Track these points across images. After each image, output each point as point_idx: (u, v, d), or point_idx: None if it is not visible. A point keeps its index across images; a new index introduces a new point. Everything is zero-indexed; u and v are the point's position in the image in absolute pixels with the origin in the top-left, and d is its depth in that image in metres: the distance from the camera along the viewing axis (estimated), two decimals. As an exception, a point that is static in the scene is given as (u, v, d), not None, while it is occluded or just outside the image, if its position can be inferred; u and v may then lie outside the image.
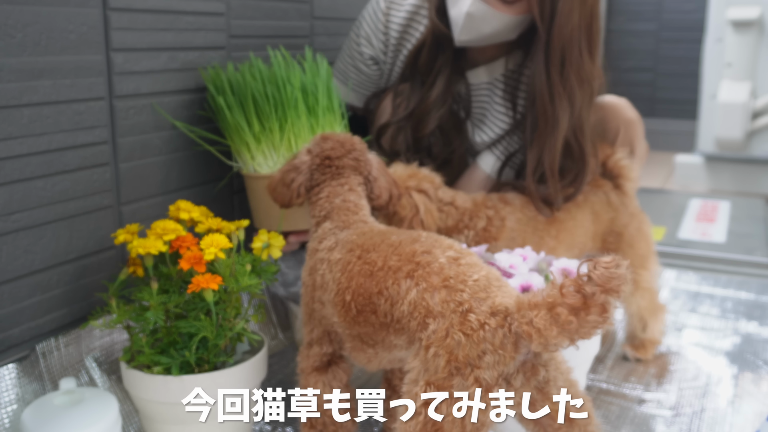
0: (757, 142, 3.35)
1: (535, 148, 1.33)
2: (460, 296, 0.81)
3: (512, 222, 1.31)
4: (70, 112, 1.10)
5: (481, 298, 0.80)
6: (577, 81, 1.30)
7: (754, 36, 3.27)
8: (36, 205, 1.07)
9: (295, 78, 1.26)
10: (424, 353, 0.81)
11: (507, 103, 1.44)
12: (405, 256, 0.88)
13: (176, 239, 1.04)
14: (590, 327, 0.73)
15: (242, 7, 1.41)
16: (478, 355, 0.77)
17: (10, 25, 0.99)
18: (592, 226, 1.38)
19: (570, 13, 1.25)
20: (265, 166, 1.25)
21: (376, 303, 0.89)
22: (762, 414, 1.24)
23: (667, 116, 4.52)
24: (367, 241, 0.95)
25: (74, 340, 1.13)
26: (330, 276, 0.96)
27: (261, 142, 1.24)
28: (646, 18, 4.56)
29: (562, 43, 1.26)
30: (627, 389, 1.33)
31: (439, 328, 0.80)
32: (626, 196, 1.41)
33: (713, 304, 1.76)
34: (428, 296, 0.83)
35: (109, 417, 0.95)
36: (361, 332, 0.93)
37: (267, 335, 1.46)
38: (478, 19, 1.30)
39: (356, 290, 0.91)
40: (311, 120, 1.25)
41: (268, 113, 1.24)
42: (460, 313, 0.80)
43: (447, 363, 0.78)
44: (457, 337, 0.78)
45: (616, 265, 0.71)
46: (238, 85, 1.26)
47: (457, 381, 0.77)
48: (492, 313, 0.79)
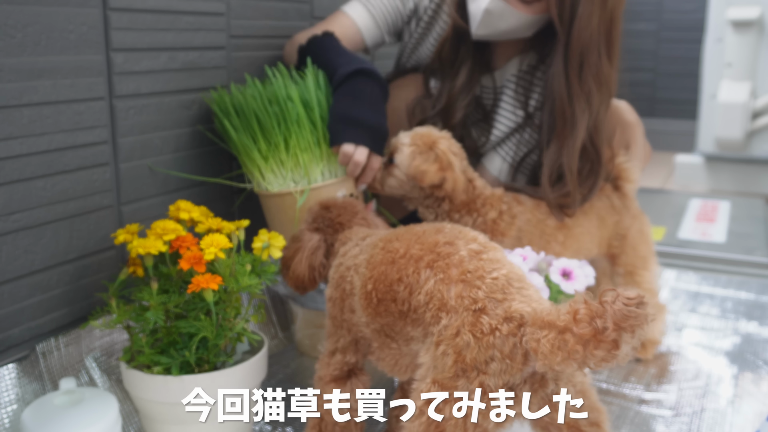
0: (757, 142, 3.35)
1: (552, 149, 1.33)
2: (476, 293, 0.79)
3: (522, 222, 1.32)
4: (70, 112, 1.10)
5: (497, 300, 0.78)
6: (596, 83, 1.30)
7: (754, 36, 3.27)
8: (36, 205, 1.07)
9: (295, 93, 1.25)
10: (434, 349, 0.80)
11: (516, 103, 1.45)
12: (427, 246, 0.87)
13: (176, 239, 1.04)
14: (598, 360, 0.70)
15: (242, 7, 1.41)
16: (485, 361, 0.75)
17: (10, 25, 0.99)
18: (598, 232, 1.38)
19: (590, 16, 1.25)
20: (275, 183, 1.26)
21: (396, 290, 0.88)
22: (762, 414, 1.24)
23: (667, 116, 4.52)
24: (391, 234, 0.95)
25: (74, 340, 1.13)
26: (357, 277, 0.96)
27: (269, 160, 1.25)
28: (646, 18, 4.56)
29: (581, 46, 1.27)
30: (627, 389, 1.33)
31: (450, 324, 0.79)
32: (627, 198, 1.41)
33: (713, 304, 1.76)
34: (444, 288, 0.82)
35: (109, 417, 0.95)
36: (382, 324, 0.92)
37: (267, 335, 1.46)
38: (495, 15, 1.31)
39: (378, 278, 0.91)
40: (315, 133, 1.25)
41: (272, 131, 1.24)
42: (473, 312, 0.78)
43: (454, 363, 0.77)
44: (467, 337, 0.77)
45: (638, 303, 0.67)
46: (240, 106, 1.27)
47: (462, 383, 0.76)
48: (505, 319, 0.76)
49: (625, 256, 1.40)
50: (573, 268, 1.13)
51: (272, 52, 1.52)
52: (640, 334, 0.68)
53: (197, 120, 1.34)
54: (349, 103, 1.26)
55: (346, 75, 1.27)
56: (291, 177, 1.25)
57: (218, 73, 1.37)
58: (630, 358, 0.70)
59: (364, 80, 1.28)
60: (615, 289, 0.69)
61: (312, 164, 1.24)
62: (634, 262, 1.40)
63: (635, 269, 1.40)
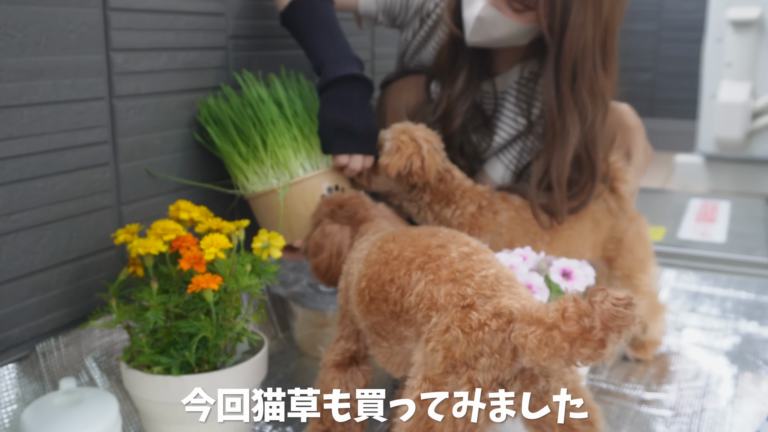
0: (757, 142, 3.35)
1: (542, 160, 1.32)
2: (465, 290, 0.81)
3: (504, 218, 1.31)
4: (70, 112, 1.10)
5: (486, 296, 0.79)
6: (590, 95, 1.28)
7: (754, 36, 3.26)
8: (36, 205, 1.07)
9: (265, 93, 1.30)
10: (424, 346, 0.81)
11: (517, 110, 1.44)
12: (420, 248, 0.89)
13: (176, 239, 1.04)
14: (584, 358, 0.70)
15: (242, 7, 1.41)
16: (474, 356, 0.76)
17: (10, 25, 0.99)
18: (591, 236, 1.37)
19: (582, 27, 1.23)
20: (258, 183, 1.28)
21: (387, 290, 0.90)
22: (762, 414, 1.24)
23: (667, 116, 4.52)
24: (388, 235, 0.98)
25: (74, 340, 1.13)
26: (356, 271, 0.99)
27: (249, 161, 1.28)
28: (646, 18, 4.56)
29: (573, 57, 1.25)
30: (627, 389, 1.33)
31: (440, 321, 0.80)
32: (623, 200, 1.40)
33: (713, 304, 1.76)
34: (434, 288, 0.83)
35: (109, 417, 0.95)
36: (374, 322, 0.94)
37: (267, 335, 1.46)
38: (488, 23, 1.30)
39: (371, 277, 0.93)
40: (291, 129, 1.28)
41: (249, 132, 1.27)
42: (461, 308, 0.79)
43: (444, 359, 0.78)
44: (456, 333, 0.78)
45: (626, 304, 0.68)
46: (216, 116, 1.31)
47: (451, 379, 0.77)
48: (495, 314, 0.77)
49: (621, 260, 1.39)
50: (573, 268, 1.13)
51: (272, 52, 1.52)
52: (627, 335, 0.69)
53: (197, 120, 1.34)
54: (338, 110, 1.29)
55: (333, 79, 1.29)
56: (272, 175, 1.26)
57: (218, 73, 1.37)
58: (615, 358, 0.70)
59: (351, 84, 1.30)
60: (605, 289, 0.69)
61: (291, 160, 1.26)
62: (631, 266, 1.39)
63: (632, 272, 1.39)
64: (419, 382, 0.79)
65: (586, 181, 1.34)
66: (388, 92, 1.57)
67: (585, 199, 1.34)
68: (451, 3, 1.39)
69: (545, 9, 1.23)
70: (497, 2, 1.28)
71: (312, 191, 1.27)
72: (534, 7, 1.26)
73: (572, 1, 1.22)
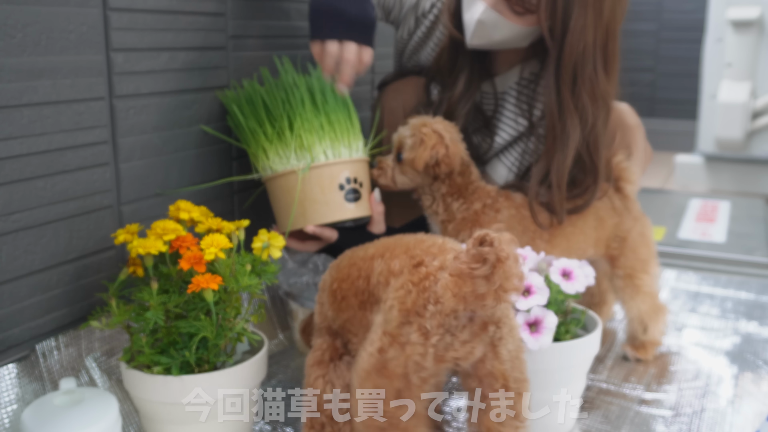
0: (757, 142, 3.35)
1: (542, 162, 1.32)
2: (414, 252, 0.90)
3: (504, 216, 1.32)
4: (70, 112, 1.10)
5: (434, 254, 0.89)
6: (590, 99, 1.28)
7: (754, 36, 3.27)
8: (36, 205, 1.07)
9: (300, 80, 1.30)
10: (383, 306, 0.88)
11: (518, 111, 1.44)
12: (382, 246, 0.99)
13: (176, 239, 1.04)
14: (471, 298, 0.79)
15: (242, 7, 1.41)
16: (423, 304, 0.84)
17: (10, 25, 0.99)
18: (594, 233, 1.37)
19: (583, 30, 1.23)
20: (279, 164, 1.28)
21: (356, 285, 0.98)
22: (762, 414, 1.24)
23: (667, 116, 4.52)
24: (359, 246, 1.07)
25: (74, 340, 1.13)
26: (329, 276, 1.08)
27: (273, 142, 1.28)
28: (646, 18, 4.56)
29: (573, 61, 1.25)
30: (627, 389, 1.33)
31: (396, 283, 0.88)
32: (628, 200, 1.40)
33: (713, 304, 1.76)
34: (391, 262, 0.93)
35: (109, 417, 0.95)
36: (345, 320, 1.01)
37: (267, 335, 1.46)
38: (489, 26, 1.30)
39: (342, 278, 1.01)
40: (320, 117, 1.28)
41: (277, 113, 1.28)
42: (413, 267, 0.88)
43: (399, 312, 0.85)
44: (407, 287, 0.86)
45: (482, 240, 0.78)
46: (249, 97, 1.31)
47: (405, 330, 0.84)
48: (440, 267, 0.86)
49: (624, 259, 1.39)
50: (573, 268, 1.13)
51: (272, 52, 1.52)
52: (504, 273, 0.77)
53: (197, 120, 1.34)
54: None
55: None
56: (295, 157, 1.27)
57: (218, 73, 1.37)
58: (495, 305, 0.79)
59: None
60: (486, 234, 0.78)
61: (315, 145, 1.27)
62: (633, 265, 1.39)
63: (635, 272, 1.39)
64: (379, 336, 0.86)
65: (588, 182, 1.34)
66: (386, 93, 1.57)
67: (587, 200, 1.34)
68: (451, 5, 1.39)
69: (546, 12, 1.23)
70: (498, 5, 1.28)
71: (331, 178, 1.27)
72: (535, 10, 1.26)
73: (573, 3, 1.22)
